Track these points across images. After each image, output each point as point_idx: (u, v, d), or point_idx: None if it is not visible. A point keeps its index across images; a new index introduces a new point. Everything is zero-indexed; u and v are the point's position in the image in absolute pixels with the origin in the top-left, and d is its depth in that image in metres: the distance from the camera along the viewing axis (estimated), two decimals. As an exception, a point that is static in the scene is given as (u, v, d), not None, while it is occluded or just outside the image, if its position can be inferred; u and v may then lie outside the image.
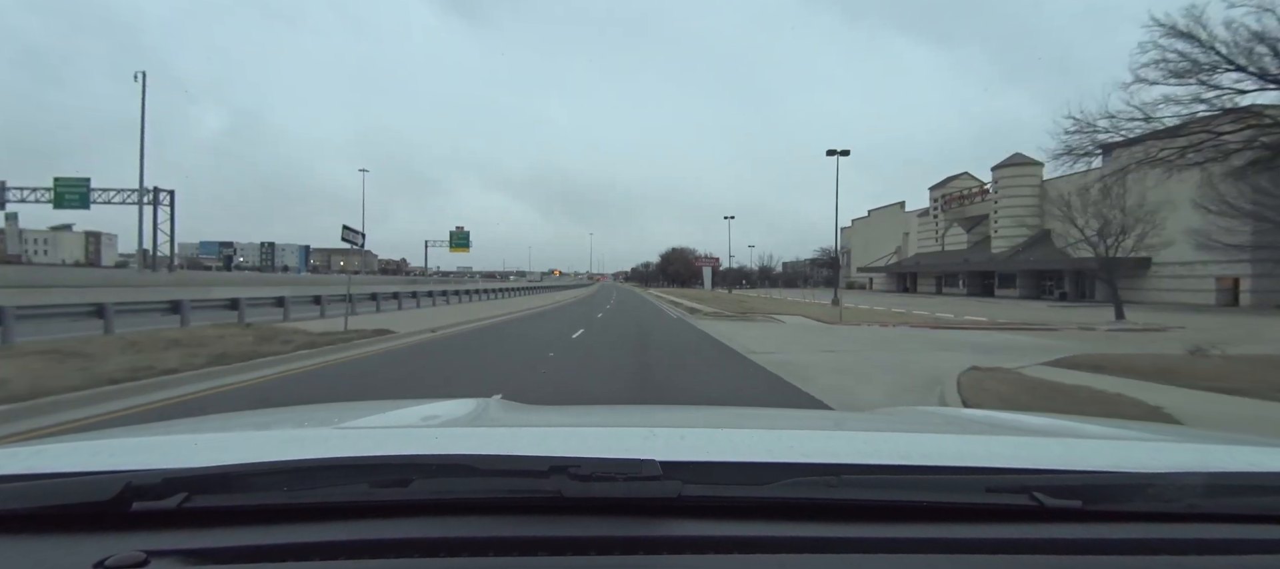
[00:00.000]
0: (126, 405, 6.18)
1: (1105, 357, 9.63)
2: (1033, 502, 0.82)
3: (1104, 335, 17.25)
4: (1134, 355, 9.94)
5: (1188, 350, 10.23)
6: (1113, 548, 0.78)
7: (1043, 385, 7.34)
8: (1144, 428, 1.51)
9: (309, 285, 25.20)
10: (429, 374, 9.32)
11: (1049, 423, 1.55)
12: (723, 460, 0.91)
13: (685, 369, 10.36)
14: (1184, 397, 6.63)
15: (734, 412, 2.47)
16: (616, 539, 0.76)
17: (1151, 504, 0.83)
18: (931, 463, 0.93)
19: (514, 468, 0.84)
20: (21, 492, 0.81)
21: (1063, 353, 10.78)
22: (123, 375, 6.67)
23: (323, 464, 0.86)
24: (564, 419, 1.55)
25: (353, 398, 6.26)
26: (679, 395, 7.77)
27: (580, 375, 9.40)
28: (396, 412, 1.63)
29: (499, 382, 8.21)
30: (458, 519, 0.80)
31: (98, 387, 6.25)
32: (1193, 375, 7.61)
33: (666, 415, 1.80)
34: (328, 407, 1.93)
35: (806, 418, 2.24)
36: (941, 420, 1.76)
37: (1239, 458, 1.01)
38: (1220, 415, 5.75)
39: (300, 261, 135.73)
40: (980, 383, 7.64)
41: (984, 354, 10.83)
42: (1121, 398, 6.40)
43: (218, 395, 6.94)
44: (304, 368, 9.13)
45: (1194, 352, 10.05)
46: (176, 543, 0.75)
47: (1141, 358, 9.43)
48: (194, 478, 0.81)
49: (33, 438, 3.04)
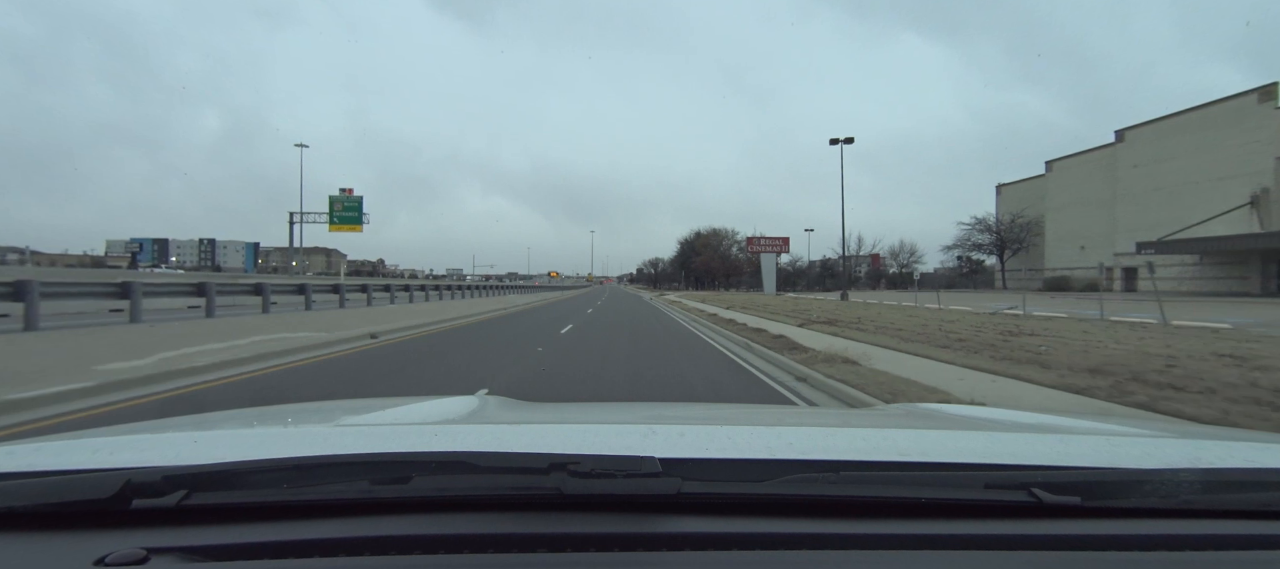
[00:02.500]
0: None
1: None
2: (1031, 498, 0.82)
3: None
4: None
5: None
6: (1111, 544, 0.78)
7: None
8: (1141, 424, 1.51)
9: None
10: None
11: (1046, 420, 1.55)
12: (722, 457, 0.91)
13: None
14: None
15: (733, 409, 2.47)
16: (616, 536, 0.76)
17: (1149, 500, 0.83)
18: (930, 459, 0.93)
19: (514, 465, 0.84)
20: (21, 489, 0.81)
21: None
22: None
23: (322, 461, 0.86)
24: (564, 416, 1.55)
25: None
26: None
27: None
28: (396, 409, 1.63)
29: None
30: (457, 516, 0.80)
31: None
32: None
33: (666, 412, 1.80)
34: (327, 404, 1.92)
35: (806, 415, 2.24)
36: (939, 418, 1.76)
37: (1235, 454, 1.01)
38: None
39: (248, 260, 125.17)
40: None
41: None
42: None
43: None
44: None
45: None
46: (176, 540, 0.75)
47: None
48: (194, 475, 0.81)
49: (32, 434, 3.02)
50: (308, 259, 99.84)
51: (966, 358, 8.36)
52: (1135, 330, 11.94)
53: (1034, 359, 8.01)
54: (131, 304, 12.09)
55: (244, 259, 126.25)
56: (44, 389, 5.60)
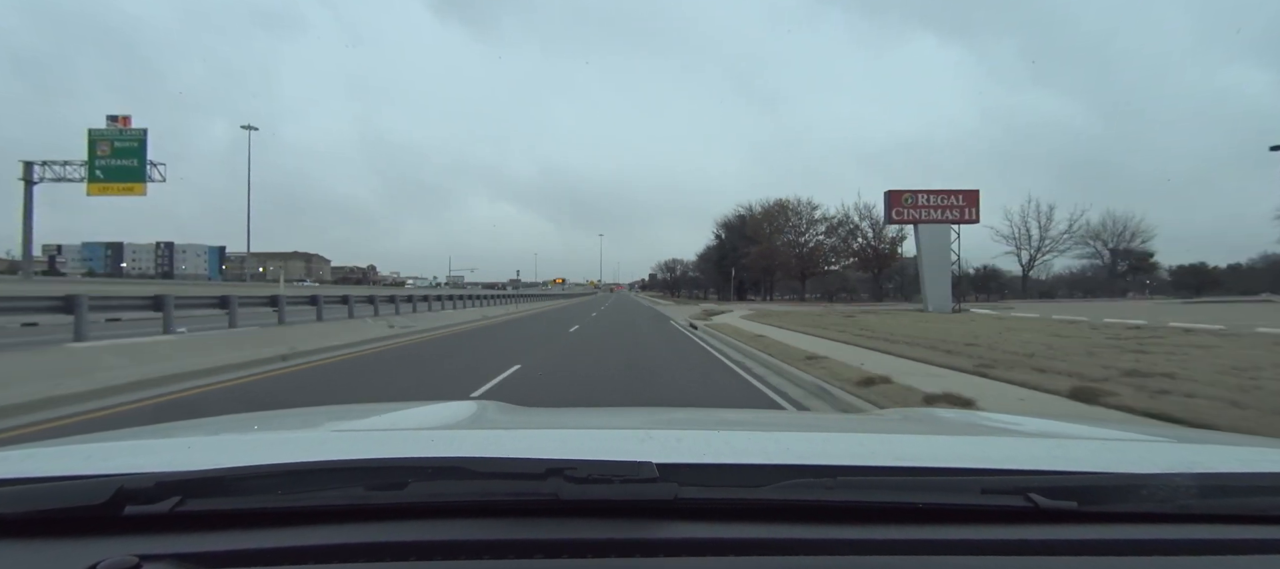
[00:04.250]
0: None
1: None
2: (1028, 503, 0.82)
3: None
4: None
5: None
6: (1108, 549, 0.78)
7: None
8: (1137, 429, 1.52)
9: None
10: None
11: (1043, 425, 1.55)
12: (719, 463, 0.91)
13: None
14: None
15: (731, 414, 2.47)
16: (613, 541, 0.76)
17: (1145, 505, 0.84)
18: (926, 465, 0.93)
19: (510, 470, 0.84)
20: (13, 495, 0.80)
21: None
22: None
23: (317, 467, 0.85)
24: (561, 421, 1.55)
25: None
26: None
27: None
28: (392, 414, 1.63)
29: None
30: (454, 522, 0.79)
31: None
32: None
33: (663, 417, 1.80)
34: (322, 409, 1.92)
35: (802, 420, 2.24)
36: (936, 423, 1.77)
37: (1232, 459, 1.02)
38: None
39: (212, 266, 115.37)
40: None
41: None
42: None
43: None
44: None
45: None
46: (169, 547, 0.74)
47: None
48: (187, 481, 0.81)
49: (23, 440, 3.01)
50: (284, 265, 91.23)
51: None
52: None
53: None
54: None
55: (207, 264, 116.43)
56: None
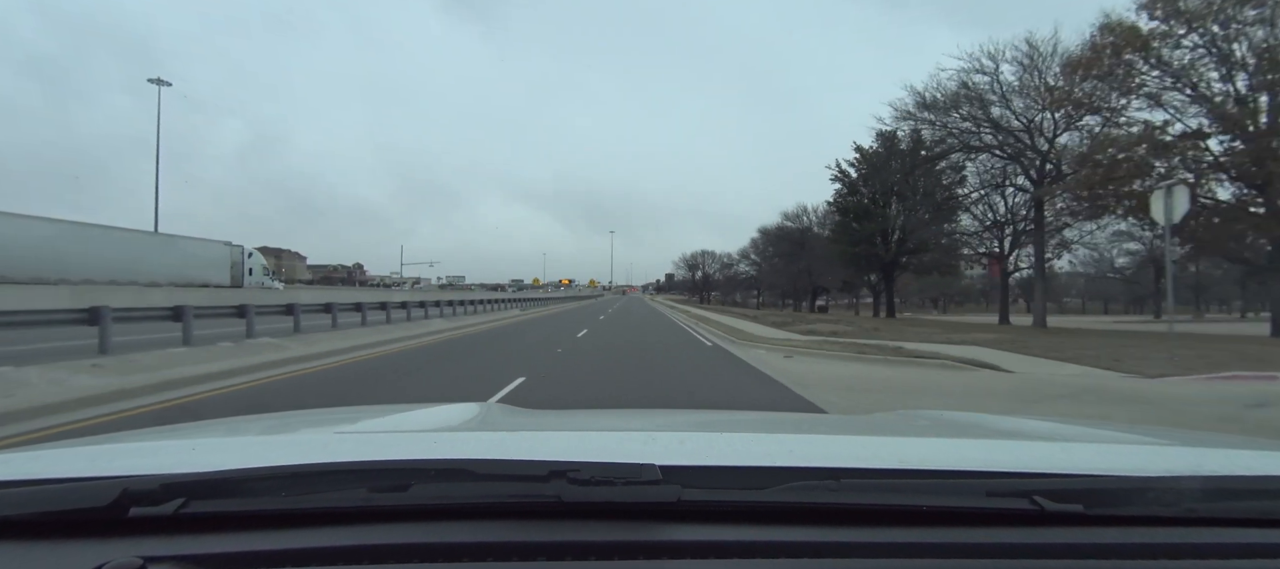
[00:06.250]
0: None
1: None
2: (1033, 506, 0.82)
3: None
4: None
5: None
6: (1113, 552, 0.78)
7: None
8: (1143, 432, 1.51)
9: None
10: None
11: (1048, 427, 1.55)
12: (723, 465, 0.90)
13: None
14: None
15: (734, 416, 2.46)
16: (616, 544, 0.76)
17: (1151, 508, 0.83)
18: (931, 467, 0.93)
19: (513, 472, 0.84)
20: (17, 498, 0.80)
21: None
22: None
23: (321, 469, 0.86)
24: (564, 423, 1.55)
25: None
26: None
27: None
28: (395, 416, 1.63)
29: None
30: (457, 524, 0.79)
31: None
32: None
33: (667, 419, 1.80)
34: (325, 411, 1.92)
35: (806, 422, 2.24)
36: (941, 424, 1.76)
37: (1237, 462, 1.01)
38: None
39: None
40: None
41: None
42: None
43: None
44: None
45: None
46: (174, 549, 0.74)
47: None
48: (191, 483, 0.81)
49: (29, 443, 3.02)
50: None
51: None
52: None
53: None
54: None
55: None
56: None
